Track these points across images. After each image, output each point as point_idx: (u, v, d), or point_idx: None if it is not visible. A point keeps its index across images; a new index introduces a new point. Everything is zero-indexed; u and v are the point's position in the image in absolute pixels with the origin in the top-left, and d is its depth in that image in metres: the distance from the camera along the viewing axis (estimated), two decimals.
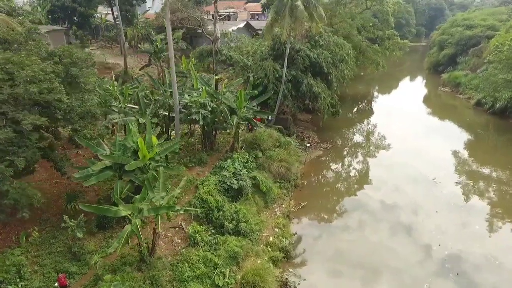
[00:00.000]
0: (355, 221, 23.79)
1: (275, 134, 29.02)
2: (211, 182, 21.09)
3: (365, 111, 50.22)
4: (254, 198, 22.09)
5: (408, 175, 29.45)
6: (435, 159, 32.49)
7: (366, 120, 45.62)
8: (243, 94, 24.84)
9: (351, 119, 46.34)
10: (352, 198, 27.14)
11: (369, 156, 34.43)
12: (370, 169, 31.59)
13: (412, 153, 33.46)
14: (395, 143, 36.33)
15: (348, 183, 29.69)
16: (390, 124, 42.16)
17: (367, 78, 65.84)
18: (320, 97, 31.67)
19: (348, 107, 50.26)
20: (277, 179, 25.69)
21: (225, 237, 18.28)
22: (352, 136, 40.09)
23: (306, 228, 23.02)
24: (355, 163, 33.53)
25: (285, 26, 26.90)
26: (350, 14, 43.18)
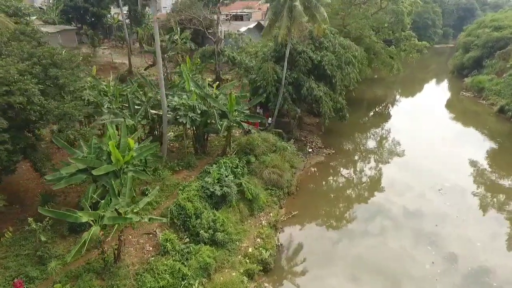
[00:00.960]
0: (352, 232, 22.67)
1: (271, 138, 28.08)
2: (193, 187, 20.50)
3: (382, 115, 48.04)
4: (239, 205, 21.30)
5: (427, 182, 28.27)
6: (454, 165, 31.09)
7: (381, 124, 43.65)
8: (234, 97, 24.12)
9: (364, 123, 44.55)
10: (351, 207, 25.91)
11: (378, 161, 32.90)
12: (377, 176, 30.26)
13: (426, 160, 31.84)
14: (410, 149, 34.66)
15: (348, 191, 28.38)
16: (406, 129, 40.31)
17: (387, 81, 63.34)
18: (322, 101, 30.38)
19: (364, 111, 48.46)
20: (269, 186, 24.79)
21: (199, 246, 17.61)
22: (361, 142, 38.44)
23: (293, 239, 22.04)
24: (358, 170, 32.09)
25: (283, 27, 25.91)
26: (363, 15, 41.38)
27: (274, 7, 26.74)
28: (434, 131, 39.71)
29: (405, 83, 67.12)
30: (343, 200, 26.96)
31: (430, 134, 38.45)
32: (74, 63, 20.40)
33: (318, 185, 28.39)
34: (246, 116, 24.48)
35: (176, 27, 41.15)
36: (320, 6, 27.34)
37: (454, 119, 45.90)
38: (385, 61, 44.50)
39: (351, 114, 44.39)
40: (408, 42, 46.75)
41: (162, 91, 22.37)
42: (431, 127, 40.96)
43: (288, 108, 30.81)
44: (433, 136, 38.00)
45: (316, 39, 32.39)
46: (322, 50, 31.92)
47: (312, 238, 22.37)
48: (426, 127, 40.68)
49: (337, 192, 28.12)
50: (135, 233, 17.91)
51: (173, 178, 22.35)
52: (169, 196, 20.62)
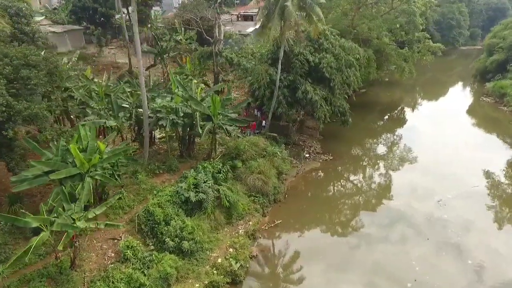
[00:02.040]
0: (338, 243, 21.68)
1: (261, 142, 27.14)
2: (166, 192, 19.97)
3: (397, 120, 45.84)
4: (214, 213, 20.57)
5: (450, 187, 27.01)
6: (479, 171, 29.50)
7: (394, 129, 41.59)
8: (219, 100, 23.43)
9: (376, 128, 42.65)
10: (341, 217, 24.80)
11: (388, 168, 31.44)
12: (382, 182, 29.14)
13: (448, 165, 30.32)
14: (427, 154, 32.95)
15: (342, 199, 27.05)
16: (422, 134, 38.45)
17: (406, 84, 60.40)
18: (317, 105, 29.15)
19: (376, 115, 46.47)
20: (253, 192, 23.93)
21: (163, 254, 17.04)
22: (369, 147, 36.72)
23: (272, 250, 21.13)
24: (357, 177, 30.67)
25: (273, 28, 24.94)
26: (371, 16, 39.59)
27: (266, 7, 25.81)
28: (452, 136, 37.52)
29: (425, 87, 64.09)
30: (335, 208, 25.72)
31: (448, 140, 36.43)
32: (53, 63, 20.28)
33: (309, 193, 27.22)
34: (230, 119, 23.71)
35: (180, 27, 41.02)
36: (315, 5, 26.15)
37: (475, 125, 43.37)
38: (396, 63, 42.42)
39: (361, 118, 43.04)
40: (421, 44, 44.39)
41: (143, 91, 22.01)
42: (449, 132, 38.76)
43: (283, 111, 29.77)
44: (451, 141, 36.03)
45: (315, 41, 31.21)
46: (321, 52, 30.70)
47: (293, 248, 21.38)
48: (444, 133, 38.52)
49: (330, 199, 26.89)
50: (100, 238, 17.58)
51: (152, 182, 21.93)
52: (142, 201, 20.21)
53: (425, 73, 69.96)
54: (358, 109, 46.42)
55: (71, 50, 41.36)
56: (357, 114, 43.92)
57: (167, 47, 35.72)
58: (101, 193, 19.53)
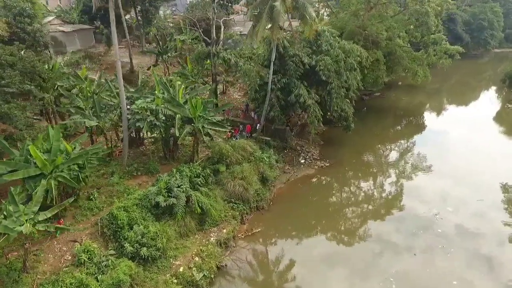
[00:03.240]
0: (319, 255, 20.58)
1: (249, 147, 26.30)
2: (136, 196, 19.59)
3: (415, 126, 43.37)
4: (185, 219, 19.95)
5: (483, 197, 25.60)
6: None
7: (409, 136, 39.37)
8: (200, 103, 22.85)
9: (388, 133, 40.49)
10: (327, 228, 23.52)
11: (399, 176, 29.91)
12: (375, 193, 27.69)
13: (479, 175, 28.78)
14: (442, 163, 31.02)
15: (329, 209, 25.69)
16: (441, 141, 36.46)
17: (430, 88, 57.32)
18: (310, 109, 27.90)
19: (392, 120, 44.31)
20: (232, 198, 23.12)
21: (121, 260, 16.62)
22: (375, 154, 34.81)
23: (244, 259, 20.24)
24: (350, 186, 29.14)
25: (260, 29, 24.01)
26: (380, 16, 37.63)
27: (256, 7, 24.91)
28: (478, 144, 35.35)
29: (451, 91, 60.70)
30: (322, 218, 24.44)
31: (472, 147, 34.49)
32: (30, 63, 20.46)
33: (297, 201, 26.03)
34: (210, 123, 23.03)
35: (185, 27, 40.91)
36: (308, 6, 24.97)
37: (502, 133, 40.56)
38: (408, 66, 40.13)
39: (375, 123, 41.09)
40: (438, 46, 41.74)
41: (121, 92, 21.81)
42: (474, 140, 36.48)
43: (275, 115, 28.74)
44: (476, 149, 34.08)
45: (314, 42, 29.96)
46: (318, 54, 29.41)
47: (270, 259, 20.45)
48: (467, 140, 36.36)
49: (318, 208, 25.50)
50: (62, 239, 17.42)
51: (127, 184, 21.68)
52: (113, 203, 19.91)
53: (452, 76, 66.30)
54: (372, 113, 44.60)
55: (80, 49, 42.38)
56: (370, 119, 42.27)
57: (167, 47, 35.57)
58: (71, 194, 19.44)
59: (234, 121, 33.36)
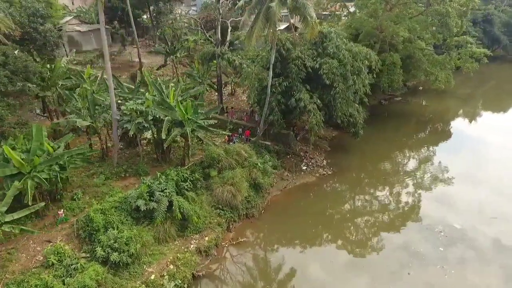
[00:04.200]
0: (309, 270, 19.49)
1: (243, 151, 25.49)
2: (116, 199, 19.38)
3: (441, 133, 40.67)
4: (165, 224, 19.52)
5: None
6: None
7: (433, 143, 36.95)
8: (190, 105, 22.38)
9: (408, 141, 37.96)
10: (320, 241, 22.45)
11: (417, 187, 28.16)
12: (381, 206, 25.97)
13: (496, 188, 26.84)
14: (470, 174, 29.17)
15: (326, 220, 24.31)
16: (470, 149, 33.98)
17: (461, 93, 53.67)
18: (310, 114, 26.67)
19: (414, 127, 41.72)
20: (220, 205, 22.45)
21: (91, 264, 16.42)
22: (388, 162, 32.81)
23: (224, 269, 19.54)
24: (353, 196, 27.55)
25: (256, 30, 23.15)
26: (397, 17, 35.48)
27: (253, 8, 24.05)
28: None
29: (486, 97, 56.33)
30: (316, 229, 23.26)
31: (507, 155, 32.27)
32: (21, 63, 20.82)
33: (291, 209, 24.91)
34: (198, 126, 22.47)
35: (197, 27, 40.78)
36: (309, 6, 23.80)
37: None
38: (427, 70, 37.63)
39: (395, 130, 38.93)
40: (463, 49, 38.87)
41: (111, 93, 21.75)
42: (508, 147, 34.06)
43: (274, 119, 27.75)
44: (509, 157, 31.86)
45: (319, 45, 28.66)
46: (324, 57, 28.07)
47: (252, 270, 19.63)
48: (502, 148, 33.97)
49: (314, 219, 24.19)
50: (37, 239, 17.51)
51: (114, 185, 21.60)
52: (99, 203, 19.77)
53: (488, 81, 61.89)
54: (391, 119, 42.35)
55: (96, 48, 43.40)
56: (388, 125, 40.13)
57: (175, 47, 35.54)
58: (55, 193, 19.60)
59: (237, 123, 32.78)
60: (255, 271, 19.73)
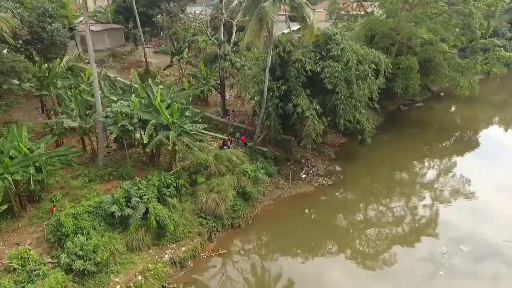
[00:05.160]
0: None
1: (235, 157, 24.39)
2: (90, 203, 18.90)
3: (465, 143, 37.73)
4: (139, 232, 18.82)
5: None
6: None
7: (459, 152, 34.41)
8: (176, 109, 21.60)
9: (425, 149, 35.36)
10: (309, 256, 20.83)
11: (428, 200, 26.02)
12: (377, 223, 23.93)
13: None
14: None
15: (318, 234, 22.63)
16: (492, 162, 30.85)
17: (494, 100, 50.02)
18: (308, 120, 25.15)
19: (435, 135, 38.84)
20: (203, 213, 21.50)
21: (54, 271, 15.97)
22: (399, 172, 30.67)
23: (199, 283, 18.56)
24: (352, 209, 25.67)
25: (248, 31, 22.00)
26: (415, 17, 32.99)
27: (246, 8, 22.91)
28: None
29: None
30: (306, 243, 21.68)
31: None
32: (8, 63, 20.86)
33: (282, 221, 23.53)
34: (183, 131, 21.60)
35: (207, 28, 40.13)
36: (306, 6, 22.36)
37: None
38: (446, 75, 34.79)
39: (413, 138, 36.53)
40: (490, 52, 35.63)
41: (96, 95, 21.39)
42: None
43: (271, 124, 26.48)
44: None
45: (323, 47, 27.06)
46: (327, 60, 26.46)
47: (230, 284, 18.54)
48: None
49: (306, 231, 22.59)
50: (7, 241, 17.36)
51: (97, 188, 21.20)
52: (71, 208, 19.44)
53: None
54: (411, 126, 39.78)
55: (110, 48, 43.90)
56: (406, 132, 37.64)
57: (180, 48, 35.08)
58: (33, 195, 19.46)
59: (239, 127, 31.77)
60: (232, 286, 18.61)
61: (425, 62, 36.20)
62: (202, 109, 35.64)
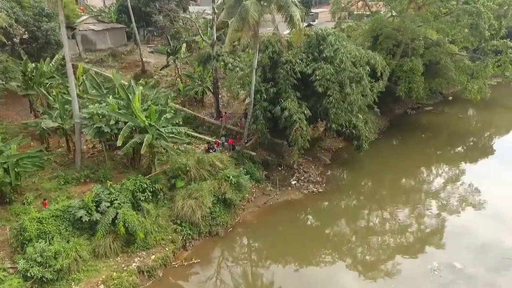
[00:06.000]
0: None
1: (218, 162, 23.46)
2: (58, 207, 18.35)
3: (479, 149, 35.62)
4: (107, 238, 18.14)
5: None
6: None
7: (471, 159, 32.51)
8: (154, 111, 20.86)
9: (432, 156, 33.44)
10: (284, 265, 19.68)
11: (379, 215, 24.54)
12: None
13: None
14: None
15: (301, 245, 21.36)
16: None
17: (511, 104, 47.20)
18: (295, 125, 23.93)
19: (445, 140, 36.84)
20: (179, 220, 20.66)
21: (11, 277, 15.48)
22: (388, 182, 28.93)
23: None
24: (335, 219, 24.18)
25: (231, 30, 21.02)
26: (418, 17, 31.13)
27: (231, 6, 21.92)
28: None
29: None
30: (288, 251, 20.55)
31: None
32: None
33: (265, 229, 22.44)
34: (159, 134, 20.80)
35: (207, 28, 39.53)
36: (292, 5, 21.18)
37: None
38: (453, 78, 32.73)
39: (423, 144, 34.77)
40: (503, 55, 33.33)
41: (73, 95, 20.90)
42: None
43: (258, 128, 25.40)
44: None
45: (316, 47, 25.81)
46: (319, 61, 25.19)
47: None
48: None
49: (289, 241, 21.44)
50: None
51: (72, 191, 20.71)
52: (38, 211, 18.92)
53: None
54: (418, 131, 37.92)
55: (111, 47, 43.82)
56: (412, 137, 35.81)
57: (175, 47, 34.48)
58: (4, 197, 19.11)
59: (231, 129, 30.89)
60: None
61: (431, 64, 34.25)
62: (197, 110, 35.12)
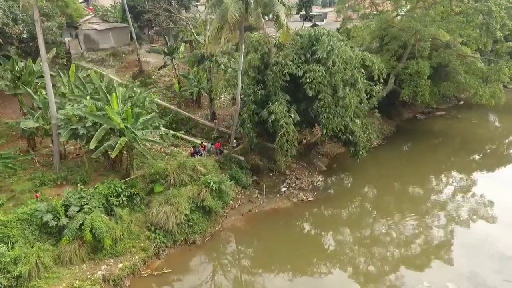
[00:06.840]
0: None
1: (201, 166, 22.55)
2: (25, 210, 17.86)
3: (498, 158, 33.41)
4: (73, 244, 17.54)
5: None
6: None
7: (487, 167, 30.47)
8: (130, 112, 20.15)
9: (440, 165, 31.39)
10: (260, 278, 18.53)
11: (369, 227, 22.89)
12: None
13: None
14: None
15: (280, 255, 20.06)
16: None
17: None
18: (282, 130, 22.70)
19: (458, 147, 34.82)
20: (153, 226, 19.86)
21: None
22: (387, 193, 27.08)
23: None
24: (321, 231, 22.74)
25: (210, 29, 20.05)
26: (423, 16, 29.12)
27: (213, 4, 20.92)
28: None
29: None
30: (268, 263, 19.44)
31: None
32: None
33: (247, 238, 21.41)
34: (133, 137, 20.04)
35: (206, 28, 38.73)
36: (277, 3, 19.97)
37: None
38: (461, 82, 30.51)
39: (433, 150, 32.90)
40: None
41: (50, 95, 20.48)
42: None
43: (245, 132, 24.35)
44: None
45: (308, 48, 24.51)
46: (312, 63, 23.88)
47: None
48: None
49: (270, 252, 20.28)
50: None
51: (47, 193, 20.28)
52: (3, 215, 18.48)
53: None
54: (427, 137, 35.95)
55: (114, 47, 43.78)
56: (420, 144, 33.91)
57: (172, 47, 33.87)
58: None
59: (223, 132, 29.98)
60: None
61: (440, 67, 32.13)
62: (193, 111, 34.42)
